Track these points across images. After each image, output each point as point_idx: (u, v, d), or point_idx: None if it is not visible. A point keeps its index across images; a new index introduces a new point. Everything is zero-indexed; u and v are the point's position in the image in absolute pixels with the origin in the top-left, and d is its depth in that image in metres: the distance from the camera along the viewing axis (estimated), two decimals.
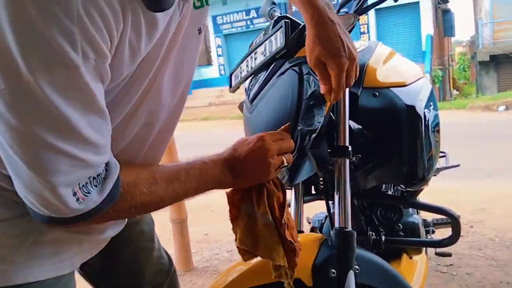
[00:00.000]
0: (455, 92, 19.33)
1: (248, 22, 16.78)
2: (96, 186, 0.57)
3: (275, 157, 0.77)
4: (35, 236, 0.63)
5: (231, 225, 0.84)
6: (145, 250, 0.97)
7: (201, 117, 13.94)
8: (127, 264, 0.93)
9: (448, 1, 17.89)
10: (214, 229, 3.18)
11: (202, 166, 0.73)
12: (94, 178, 0.57)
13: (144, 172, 0.66)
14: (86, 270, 0.90)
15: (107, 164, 0.59)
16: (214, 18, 17.60)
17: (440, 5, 16.10)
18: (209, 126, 12.14)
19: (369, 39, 13.86)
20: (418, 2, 14.06)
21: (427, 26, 14.29)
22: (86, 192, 0.55)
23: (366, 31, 14.89)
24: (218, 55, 17.88)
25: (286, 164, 0.80)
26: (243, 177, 0.77)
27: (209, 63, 19.25)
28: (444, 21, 17.10)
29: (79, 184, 0.54)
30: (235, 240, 0.82)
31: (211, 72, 17.89)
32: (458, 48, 28.87)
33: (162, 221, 2.86)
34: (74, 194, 0.54)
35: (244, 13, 16.76)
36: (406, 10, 14.43)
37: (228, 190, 0.81)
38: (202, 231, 3.14)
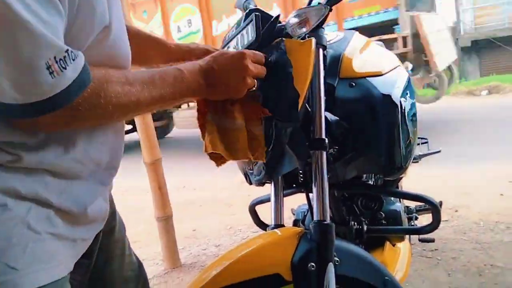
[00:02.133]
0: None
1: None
2: (73, 60, 0.56)
3: (251, 77, 0.79)
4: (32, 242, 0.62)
5: (219, 220, 0.84)
6: (117, 258, 0.95)
7: None
8: (99, 272, 0.91)
9: None
10: (202, 224, 3.18)
11: (177, 73, 0.73)
12: (72, 52, 0.56)
13: (115, 72, 0.66)
14: None
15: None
16: None
17: None
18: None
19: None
20: None
21: None
22: (62, 67, 0.55)
23: None
24: None
25: (255, 88, 0.83)
26: (216, 89, 0.78)
27: None
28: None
29: (55, 57, 0.54)
30: (204, 148, 0.87)
31: None
32: None
33: (148, 219, 2.85)
34: (48, 67, 0.53)
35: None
36: None
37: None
38: (190, 227, 3.14)
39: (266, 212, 1.21)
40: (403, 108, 1.05)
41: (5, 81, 0.53)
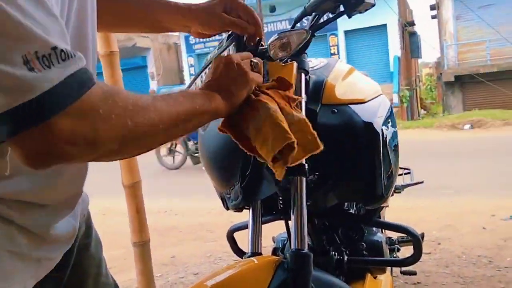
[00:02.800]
0: (423, 111, 19.93)
1: (220, 41, 16.90)
2: (63, 60, 0.47)
3: (242, 61, 0.75)
4: None
5: (199, 247, 0.80)
6: (93, 276, 0.91)
7: None
8: None
9: (414, 24, 18.58)
10: (181, 251, 3.10)
11: (182, 93, 0.66)
12: (62, 51, 0.47)
13: (120, 88, 0.60)
14: None
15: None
16: (187, 38, 17.67)
17: (406, 28, 16.69)
18: None
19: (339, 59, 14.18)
20: (385, 25, 14.53)
21: (395, 48, 14.76)
22: (45, 64, 0.46)
23: (336, 52, 15.23)
24: (191, 74, 17.88)
25: (255, 61, 0.78)
26: (228, 91, 0.72)
27: (181, 82, 19.25)
28: (411, 43, 17.73)
29: (36, 52, 0.45)
30: (270, 160, 0.73)
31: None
32: (425, 69, 29.95)
33: (126, 244, 2.77)
34: (26, 62, 0.45)
35: None
36: (374, 32, 14.89)
37: (220, 125, 0.78)
38: (169, 253, 3.06)
39: (246, 239, 1.18)
40: (385, 136, 1.04)
41: None
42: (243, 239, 1.35)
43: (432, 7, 16.82)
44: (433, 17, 17.22)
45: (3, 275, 0.60)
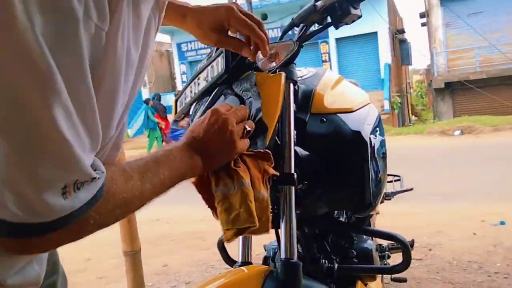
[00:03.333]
0: (413, 118, 20.07)
1: (211, 50, 16.94)
2: (91, 181, 0.49)
3: (235, 125, 0.74)
4: None
5: (191, 256, 0.79)
6: None
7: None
8: None
9: (404, 32, 18.77)
10: (174, 260, 3.08)
11: (167, 153, 0.67)
12: (97, 177, 0.49)
13: (115, 167, 0.58)
14: None
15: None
16: (179, 45, 17.69)
17: (397, 35, 16.85)
18: None
19: (330, 68, 14.28)
20: (376, 33, 14.66)
21: (385, 55, 14.89)
22: (77, 188, 0.46)
23: (327, 60, 15.33)
24: (183, 82, 17.87)
25: (249, 129, 0.77)
26: (211, 157, 0.72)
27: (173, 89, 19.23)
28: (401, 50, 17.90)
29: (76, 180, 0.46)
30: (222, 225, 0.77)
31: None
32: (415, 76, 30.23)
33: (117, 253, 2.75)
34: (64, 187, 0.45)
35: None
36: (365, 40, 15.02)
37: (194, 179, 0.78)
38: (161, 262, 3.03)
39: (237, 248, 1.18)
40: (373, 145, 1.06)
41: (8, 193, 0.42)
42: (234, 248, 1.36)
43: (422, 15, 17.01)
44: (423, 24, 17.42)
45: None
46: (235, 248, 1.35)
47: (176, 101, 1.06)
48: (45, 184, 0.43)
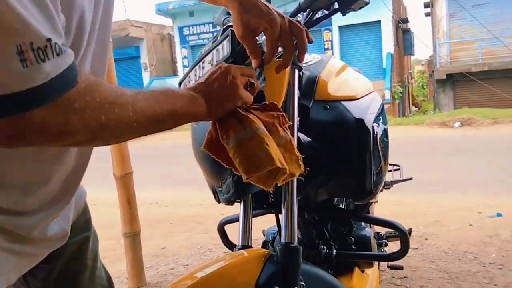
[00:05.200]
0: (414, 108, 20.04)
1: (215, 34, 16.81)
2: (58, 55, 0.47)
3: (239, 76, 0.74)
4: None
5: (189, 239, 0.80)
6: (89, 269, 0.91)
7: None
8: (68, 281, 0.87)
9: (408, 21, 18.63)
10: (172, 242, 3.10)
11: (167, 89, 0.66)
12: (56, 44, 0.46)
13: (104, 83, 0.57)
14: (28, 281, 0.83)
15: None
16: (180, 29, 17.54)
17: (400, 25, 16.72)
18: (170, 137, 12.00)
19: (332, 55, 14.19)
20: (379, 21, 14.54)
21: (388, 44, 14.79)
22: (40, 58, 0.45)
23: (330, 47, 15.24)
24: (184, 66, 17.78)
25: (253, 81, 0.77)
26: (214, 100, 0.71)
27: (174, 73, 19.16)
28: (404, 40, 17.77)
29: (31, 43, 0.44)
30: (243, 175, 0.74)
31: (177, 82, 17.79)
32: (417, 66, 30.08)
33: (117, 234, 2.77)
34: (20, 53, 0.43)
35: (210, 25, 16.78)
36: (368, 28, 14.91)
37: (204, 144, 0.77)
38: (159, 245, 3.06)
39: (237, 232, 1.19)
40: (375, 133, 1.06)
41: None
42: (234, 232, 1.37)
43: (426, 5, 16.86)
44: (427, 14, 17.28)
45: None
46: (234, 233, 1.36)
47: (180, 84, 1.06)
48: None
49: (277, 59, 0.92)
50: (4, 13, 0.42)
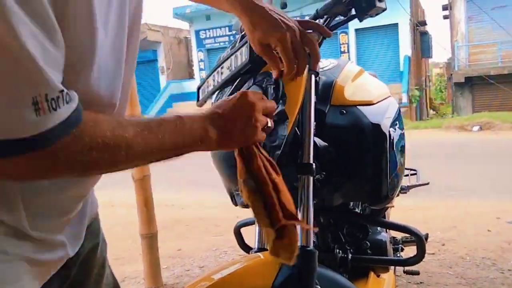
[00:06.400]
0: (431, 112, 19.79)
1: (231, 38, 16.90)
2: (67, 102, 0.49)
3: (260, 116, 0.72)
4: None
5: (205, 241, 0.81)
6: (96, 275, 0.92)
7: None
8: (76, 286, 0.88)
9: (426, 24, 18.42)
10: (188, 244, 3.14)
11: (177, 119, 0.64)
12: (67, 93, 0.49)
13: (105, 116, 0.58)
14: None
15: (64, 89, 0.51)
16: (197, 32, 17.69)
17: (418, 27, 16.55)
18: None
19: (349, 59, 14.12)
20: (397, 24, 14.42)
21: (405, 47, 14.65)
22: (52, 107, 0.48)
23: (346, 51, 15.17)
24: (200, 69, 17.93)
25: (270, 125, 0.75)
26: (229, 135, 0.69)
27: (191, 76, 19.33)
28: (422, 43, 17.59)
29: (46, 94, 0.47)
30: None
31: (193, 85, 17.92)
32: (435, 69, 29.70)
33: (134, 236, 2.81)
34: (35, 103, 0.46)
35: (227, 28, 16.88)
36: (385, 31, 14.79)
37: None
38: (175, 246, 3.09)
39: (253, 235, 1.20)
40: (392, 138, 1.06)
41: None
42: (250, 235, 1.38)
43: (445, 7, 16.67)
44: (445, 17, 17.07)
45: (13, 278, 0.61)
46: (250, 235, 1.37)
47: (198, 89, 1.08)
48: (12, 97, 0.45)
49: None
50: (22, 63, 0.45)
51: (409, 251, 1.79)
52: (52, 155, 0.50)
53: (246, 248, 1.42)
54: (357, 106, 1.09)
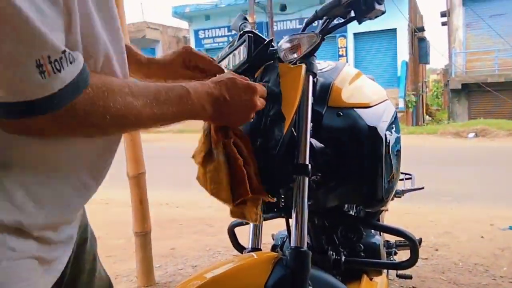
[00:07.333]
0: (427, 117, 19.87)
1: (230, 38, 16.90)
2: (71, 63, 0.51)
3: (261, 99, 0.79)
4: None
5: (198, 240, 0.84)
6: (87, 271, 0.91)
7: (177, 129, 13.82)
8: (68, 284, 0.87)
9: (424, 30, 18.51)
10: (181, 243, 3.12)
11: (183, 93, 0.68)
12: (70, 53, 0.51)
13: (118, 80, 0.60)
14: None
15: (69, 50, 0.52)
16: (196, 32, 17.68)
17: (416, 33, 16.62)
18: (184, 138, 12.04)
19: (346, 62, 14.15)
20: (395, 29, 14.48)
21: (403, 52, 14.72)
22: (56, 68, 0.49)
23: (344, 54, 15.21)
24: None
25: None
26: (222, 117, 0.76)
27: None
28: (420, 48, 17.67)
29: (49, 56, 0.49)
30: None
31: None
32: (432, 75, 29.84)
33: (127, 234, 2.80)
34: (39, 66, 0.48)
35: (226, 28, 16.89)
36: (383, 36, 14.85)
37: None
38: (169, 245, 3.08)
39: (247, 235, 1.20)
40: (388, 141, 1.06)
41: None
42: (244, 235, 1.38)
43: (443, 14, 16.75)
44: (443, 23, 17.16)
45: (24, 276, 0.60)
46: (244, 235, 1.37)
47: None
48: (17, 62, 0.47)
49: (292, 65, 0.94)
50: (22, 28, 0.46)
51: (403, 255, 1.79)
52: (66, 115, 0.53)
53: (240, 248, 1.42)
54: (354, 109, 1.09)
